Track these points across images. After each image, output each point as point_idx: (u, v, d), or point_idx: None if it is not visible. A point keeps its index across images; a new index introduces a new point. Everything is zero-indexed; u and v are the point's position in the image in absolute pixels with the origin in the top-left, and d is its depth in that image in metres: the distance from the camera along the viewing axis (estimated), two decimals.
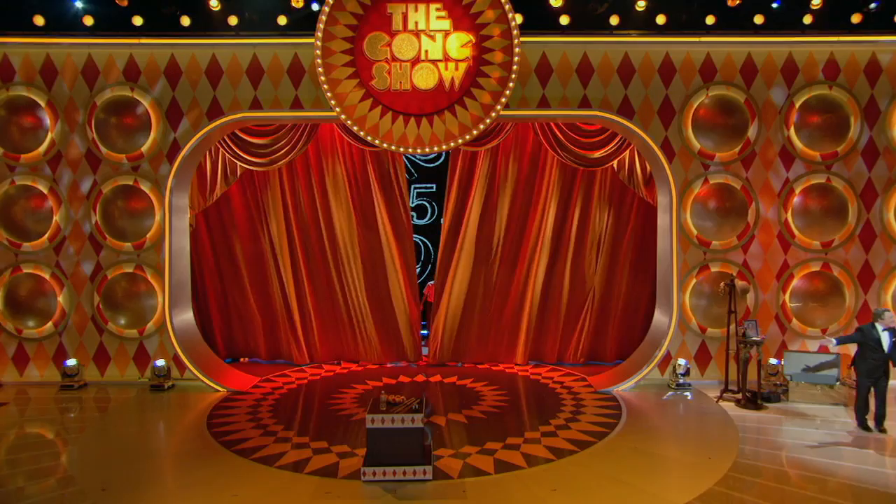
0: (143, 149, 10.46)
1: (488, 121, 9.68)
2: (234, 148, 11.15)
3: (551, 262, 11.94)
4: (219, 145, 11.20)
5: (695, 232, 10.51)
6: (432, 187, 14.04)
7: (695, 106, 10.36)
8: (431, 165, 13.94)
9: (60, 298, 10.61)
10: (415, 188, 14.03)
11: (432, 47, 9.53)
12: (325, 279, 12.05)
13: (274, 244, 11.87)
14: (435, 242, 14.08)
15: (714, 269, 10.49)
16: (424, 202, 14.05)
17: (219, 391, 10.22)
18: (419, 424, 6.85)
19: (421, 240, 14.10)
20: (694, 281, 10.51)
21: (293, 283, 11.95)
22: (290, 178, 11.86)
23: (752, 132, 10.35)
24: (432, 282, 13.21)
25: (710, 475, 6.97)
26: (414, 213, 14.04)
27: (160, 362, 10.35)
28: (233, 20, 10.03)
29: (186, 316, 10.88)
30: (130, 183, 10.49)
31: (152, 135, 10.42)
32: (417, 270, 14.08)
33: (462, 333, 12.07)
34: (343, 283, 12.00)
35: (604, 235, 11.84)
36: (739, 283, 9.80)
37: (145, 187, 10.49)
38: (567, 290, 11.93)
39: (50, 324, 10.63)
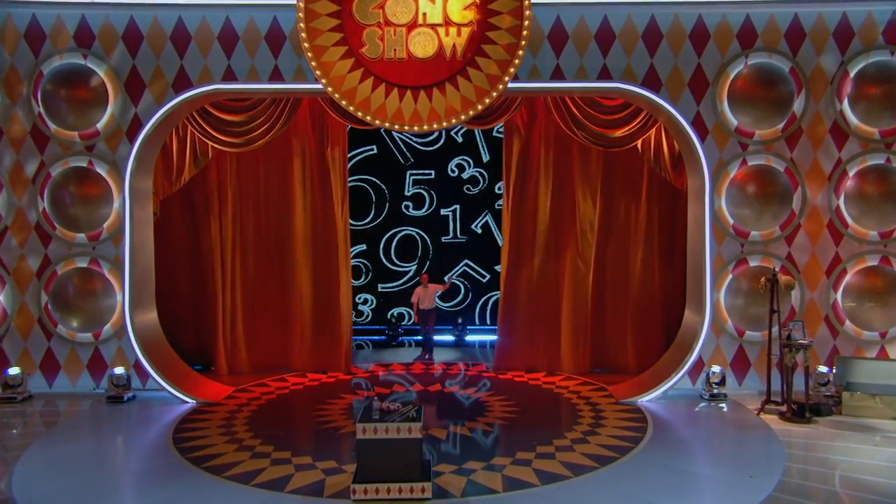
0: (99, 125, 10.43)
1: (495, 94, 9.63)
2: (204, 126, 11.13)
3: (609, 257, 12.07)
4: (187, 122, 11.18)
5: (731, 221, 10.48)
6: (430, 174, 14.03)
7: (732, 76, 10.34)
8: (430, 149, 13.95)
9: (1, 297, 10.55)
10: (411, 175, 14.03)
11: (431, 10, 9.50)
12: (265, 279, 12.32)
13: (221, 238, 12.12)
14: (433, 236, 14.09)
15: (753, 263, 10.46)
16: (422, 190, 14.05)
17: (187, 402, 10.20)
18: (417, 435, 6.84)
19: (417, 233, 14.10)
20: (730, 277, 10.48)
21: (226, 281, 12.16)
22: (235, 164, 12.10)
23: (798, 106, 10.33)
24: (421, 286, 13.12)
25: (751, 496, 6.92)
26: (410, 203, 14.06)
27: (119, 370, 10.30)
28: None
29: (150, 317, 10.85)
30: (84, 165, 10.47)
31: (109, 109, 10.39)
32: (415, 268, 14.09)
33: (527, 338, 12.23)
34: (287, 283, 12.29)
35: (662, 227, 11.97)
36: (783, 278, 9.76)
37: (101, 170, 10.46)
38: (634, 290, 12.02)
39: None
